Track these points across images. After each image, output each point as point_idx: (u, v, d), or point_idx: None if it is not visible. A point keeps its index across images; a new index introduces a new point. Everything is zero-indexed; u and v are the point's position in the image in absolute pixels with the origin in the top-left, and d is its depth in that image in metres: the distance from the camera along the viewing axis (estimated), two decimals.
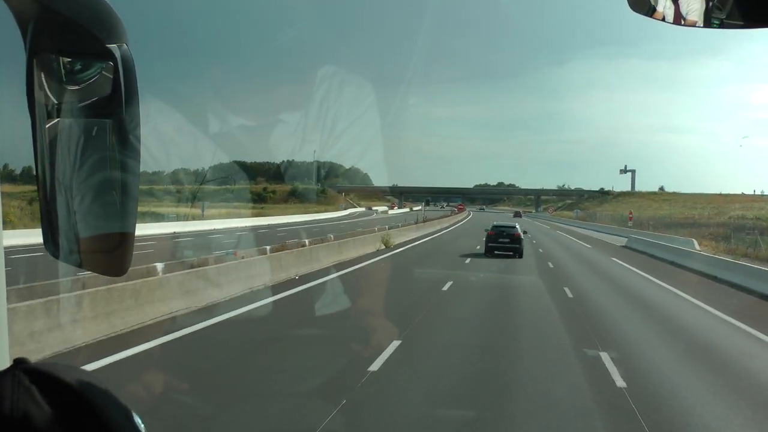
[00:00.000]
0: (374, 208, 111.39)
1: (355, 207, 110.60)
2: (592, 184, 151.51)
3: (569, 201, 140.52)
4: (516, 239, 27.94)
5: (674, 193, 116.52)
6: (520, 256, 27.32)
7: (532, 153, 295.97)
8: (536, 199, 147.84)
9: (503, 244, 27.90)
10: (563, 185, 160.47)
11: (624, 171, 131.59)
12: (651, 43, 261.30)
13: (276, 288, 14.64)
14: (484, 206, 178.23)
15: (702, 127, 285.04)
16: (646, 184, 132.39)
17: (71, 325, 8.49)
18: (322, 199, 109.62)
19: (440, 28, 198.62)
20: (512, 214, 74.04)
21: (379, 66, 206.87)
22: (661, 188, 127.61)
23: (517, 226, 29.73)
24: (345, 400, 6.65)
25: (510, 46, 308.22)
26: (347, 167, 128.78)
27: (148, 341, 8.96)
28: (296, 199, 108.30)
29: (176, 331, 9.69)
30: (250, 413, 6.37)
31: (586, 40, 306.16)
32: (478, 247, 30.76)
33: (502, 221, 34.09)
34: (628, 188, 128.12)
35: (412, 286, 17.19)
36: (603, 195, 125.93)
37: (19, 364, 0.69)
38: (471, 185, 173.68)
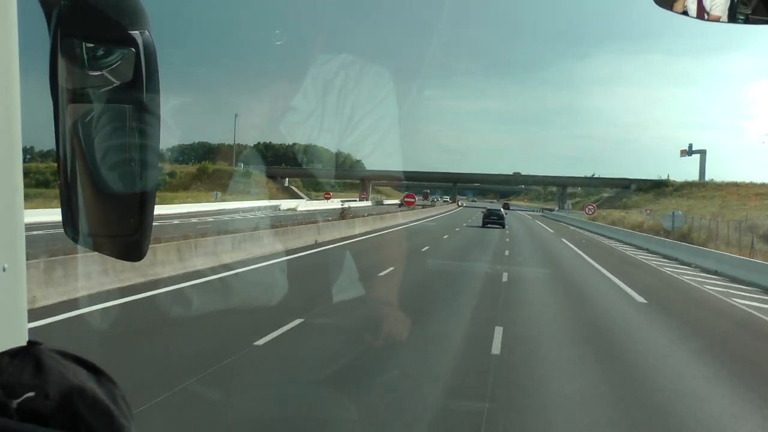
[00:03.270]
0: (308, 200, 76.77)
1: (303, 197, 77.58)
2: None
3: (606, 194, 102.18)
4: (501, 217, 46.26)
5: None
6: (503, 227, 43.50)
7: (551, 147, 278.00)
8: (561, 192, 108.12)
9: (493, 220, 45.48)
10: (593, 175, 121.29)
11: (689, 152, 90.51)
12: (672, 38, 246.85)
13: None
14: (475, 198, 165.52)
15: (727, 123, 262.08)
16: (680, 177, 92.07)
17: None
18: (243, 185, 75.89)
19: (459, 19, 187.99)
20: (501, 205, 73.53)
21: (396, 57, 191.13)
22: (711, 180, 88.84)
23: (501, 209, 51.27)
24: None
25: (529, 38, 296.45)
26: (333, 151, 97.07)
27: None
28: (201, 184, 74.93)
29: None
30: None
31: (606, 34, 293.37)
32: None
33: (491, 206, 57.80)
34: (682, 178, 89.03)
35: None
36: (657, 186, 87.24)
37: (34, 344, 0.67)
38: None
